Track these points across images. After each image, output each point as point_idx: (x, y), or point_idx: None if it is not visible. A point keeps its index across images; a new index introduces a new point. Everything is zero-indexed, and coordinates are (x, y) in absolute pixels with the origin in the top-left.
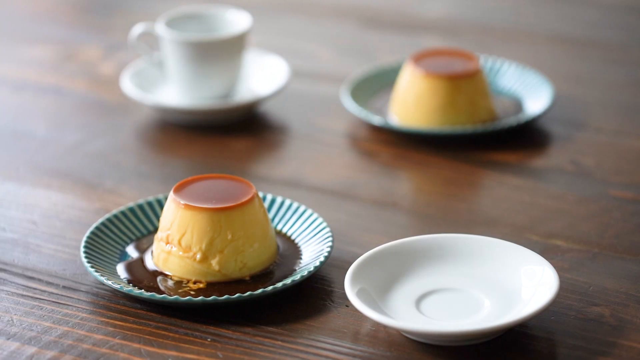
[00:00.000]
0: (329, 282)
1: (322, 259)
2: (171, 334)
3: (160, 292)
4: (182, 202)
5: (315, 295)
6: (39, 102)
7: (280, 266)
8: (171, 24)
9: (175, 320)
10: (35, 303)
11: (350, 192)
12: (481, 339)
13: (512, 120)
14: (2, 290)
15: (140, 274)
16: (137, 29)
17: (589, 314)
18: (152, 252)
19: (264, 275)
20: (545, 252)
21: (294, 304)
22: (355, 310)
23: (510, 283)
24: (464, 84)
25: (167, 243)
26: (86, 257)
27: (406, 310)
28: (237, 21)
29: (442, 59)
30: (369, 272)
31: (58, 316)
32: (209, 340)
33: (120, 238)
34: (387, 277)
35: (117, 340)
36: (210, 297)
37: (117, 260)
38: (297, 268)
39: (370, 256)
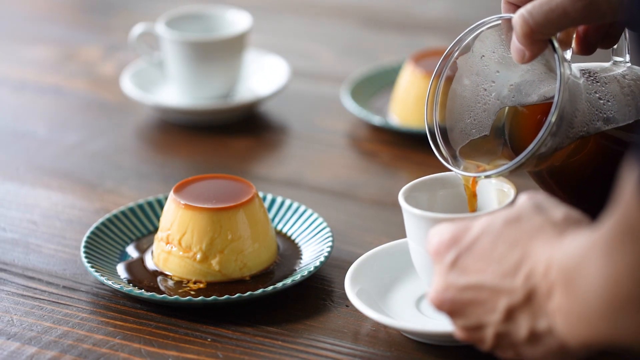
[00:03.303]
0: (329, 282)
1: (322, 259)
2: (171, 334)
3: (160, 292)
4: (182, 202)
5: (315, 295)
6: (39, 102)
7: (280, 266)
8: (171, 24)
9: (176, 320)
10: (36, 303)
11: (350, 192)
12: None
13: None
14: (2, 290)
15: (140, 274)
16: (137, 29)
17: None
18: (152, 252)
19: (264, 275)
20: None
21: (294, 304)
22: (355, 310)
23: None
24: None
25: (167, 243)
26: (86, 257)
27: (406, 310)
28: (237, 21)
29: None
30: (369, 272)
31: (58, 316)
32: (209, 340)
33: (120, 238)
34: (387, 277)
35: (117, 340)
36: (210, 297)
37: (117, 260)
38: (297, 268)
39: (370, 256)
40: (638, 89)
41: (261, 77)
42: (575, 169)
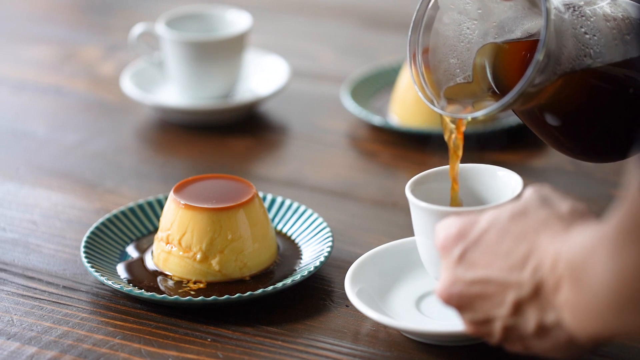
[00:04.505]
0: (329, 282)
1: (322, 259)
2: (171, 334)
3: (160, 292)
4: (182, 202)
5: (315, 295)
6: (39, 102)
7: (280, 266)
8: (171, 24)
9: (175, 320)
10: (36, 303)
11: (350, 192)
12: (481, 339)
13: (512, 120)
14: (2, 290)
15: (140, 274)
16: (137, 29)
17: None
18: (152, 252)
19: (264, 275)
20: None
21: (294, 304)
22: (355, 310)
23: None
24: None
25: (167, 243)
26: (86, 257)
27: (406, 310)
28: (237, 21)
29: None
30: (369, 272)
31: (58, 316)
32: (209, 340)
33: (120, 238)
34: (387, 277)
35: (117, 340)
36: (210, 297)
37: (117, 260)
38: (297, 268)
39: (370, 256)
40: (623, 22)
41: (261, 77)
42: (564, 105)
